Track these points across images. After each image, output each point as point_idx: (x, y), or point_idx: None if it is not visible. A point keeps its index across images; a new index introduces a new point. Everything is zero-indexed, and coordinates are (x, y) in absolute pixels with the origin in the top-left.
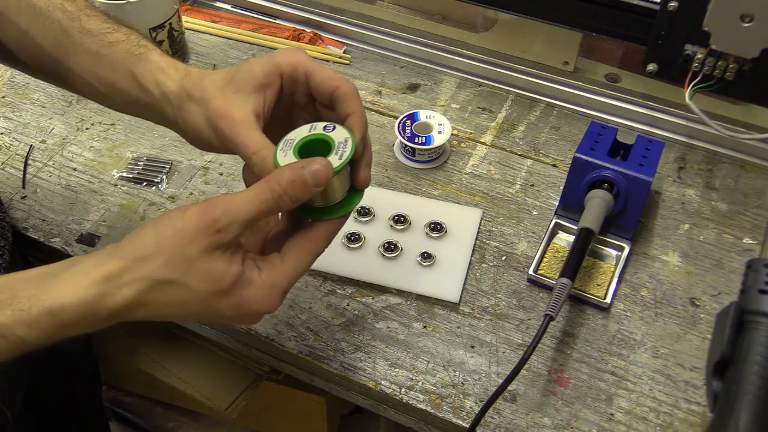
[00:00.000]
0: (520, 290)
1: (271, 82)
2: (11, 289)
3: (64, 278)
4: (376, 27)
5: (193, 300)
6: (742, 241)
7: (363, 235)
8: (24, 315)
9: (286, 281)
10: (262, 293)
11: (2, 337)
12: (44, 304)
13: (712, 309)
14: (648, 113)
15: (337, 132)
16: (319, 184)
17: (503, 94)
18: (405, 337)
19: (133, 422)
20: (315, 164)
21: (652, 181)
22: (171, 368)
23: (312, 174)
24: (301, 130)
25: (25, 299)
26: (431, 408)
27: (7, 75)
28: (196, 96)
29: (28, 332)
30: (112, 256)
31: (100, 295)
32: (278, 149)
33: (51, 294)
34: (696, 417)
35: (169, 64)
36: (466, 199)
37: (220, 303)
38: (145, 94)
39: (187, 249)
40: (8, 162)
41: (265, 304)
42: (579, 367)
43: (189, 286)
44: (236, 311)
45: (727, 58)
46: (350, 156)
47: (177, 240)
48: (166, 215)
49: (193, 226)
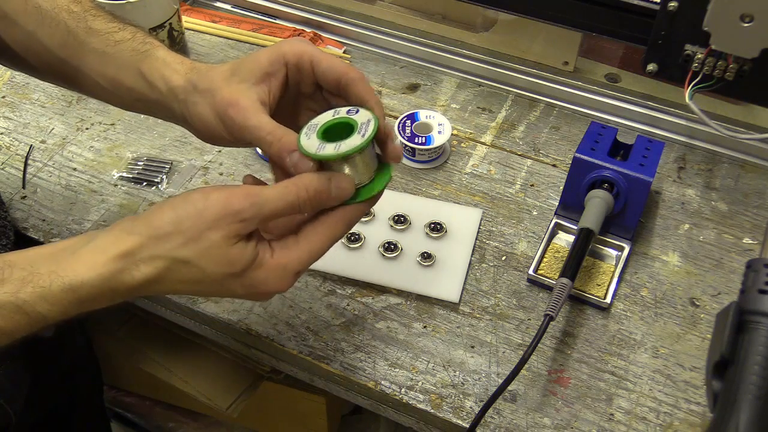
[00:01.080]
0: (520, 290)
1: (276, 71)
2: (31, 266)
3: (82, 254)
4: (376, 27)
5: (206, 280)
6: (742, 241)
7: (363, 235)
8: (45, 292)
9: (299, 264)
10: (274, 275)
11: (24, 314)
12: (64, 281)
13: (712, 309)
14: (648, 113)
15: (361, 114)
16: (340, 198)
17: (503, 94)
18: (405, 337)
19: (134, 422)
20: (342, 182)
21: (652, 181)
22: (172, 368)
23: (337, 189)
24: (324, 116)
25: (45, 276)
26: (431, 408)
27: (7, 75)
28: (202, 88)
29: (49, 308)
30: (129, 233)
31: (118, 271)
32: (302, 133)
33: (70, 270)
34: (696, 417)
35: (175, 60)
36: (466, 199)
37: (232, 284)
38: (152, 90)
39: (206, 233)
40: (8, 162)
41: (276, 285)
42: (579, 367)
43: (204, 268)
44: (248, 290)
45: (727, 58)
46: (373, 133)
47: (197, 222)
48: (187, 195)
49: (217, 213)
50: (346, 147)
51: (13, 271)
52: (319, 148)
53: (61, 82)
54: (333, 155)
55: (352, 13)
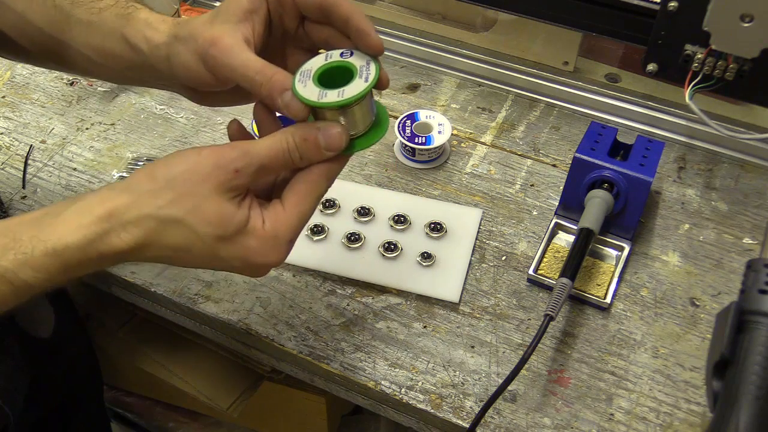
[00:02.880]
0: (520, 290)
1: (257, 7)
2: (12, 232)
3: (66, 216)
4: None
5: (197, 244)
6: (742, 241)
7: (363, 235)
8: (27, 258)
9: (290, 230)
10: (267, 245)
11: (8, 283)
12: (47, 245)
13: (712, 309)
14: (648, 113)
15: (356, 57)
16: (331, 149)
17: (503, 94)
18: (405, 337)
19: (134, 422)
20: (331, 128)
21: (652, 181)
22: (172, 368)
23: (326, 136)
24: (316, 60)
25: (27, 241)
26: (431, 408)
27: (7, 75)
28: (183, 35)
29: (34, 275)
30: (119, 191)
31: (105, 232)
32: (295, 80)
33: (53, 234)
34: (696, 417)
35: (157, 19)
36: (466, 199)
37: (224, 251)
38: (136, 53)
39: (199, 186)
40: (8, 162)
41: (270, 256)
42: (579, 367)
43: (194, 228)
44: (242, 262)
45: (727, 58)
46: (376, 76)
47: (190, 176)
48: (180, 152)
49: (210, 164)
50: (351, 93)
51: None
52: (321, 95)
53: (54, 63)
54: (339, 102)
55: None
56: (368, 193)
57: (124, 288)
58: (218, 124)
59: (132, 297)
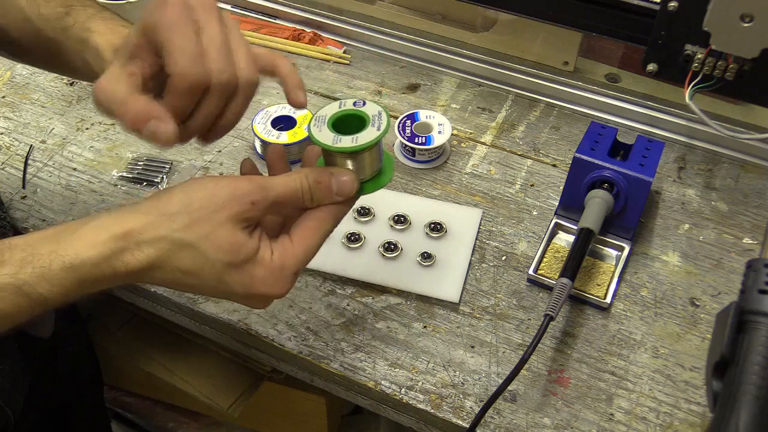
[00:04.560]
0: (520, 290)
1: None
2: (31, 246)
3: (83, 233)
4: (376, 27)
5: (205, 269)
6: (742, 241)
7: (363, 235)
8: (45, 272)
9: (296, 264)
10: (274, 275)
11: (24, 296)
12: (64, 260)
13: (712, 309)
14: (648, 113)
15: (369, 106)
16: (342, 195)
17: (503, 94)
18: (405, 337)
19: (134, 422)
20: (344, 175)
21: (652, 181)
22: (172, 368)
23: (338, 182)
24: (330, 107)
25: (45, 256)
26: (431, 408)
27: (7, 75)
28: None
29: (50, 289)
30: (135, 212)
31: (119, 250)
32: (312, 125)
33: (71, 249)
34: (696, 417)
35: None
36: (466, 199)
37: (231, 278)
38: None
39: (214, 214)
40: (8, 162)
41: (275, 286)
42: (579, 367)
43: (205, 253)
44: (246, 290)
45: (727, 58)
46: (387, 126)
47: (206, 204)
48: (197, 180)
49: (226, 194)
50: (365, 139)
51: (13, 253)
52: (335, 140)
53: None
54: (354, 147)
55: (351, 13)
56: None
57: (124, 288)
58: None
59: (132, 297)
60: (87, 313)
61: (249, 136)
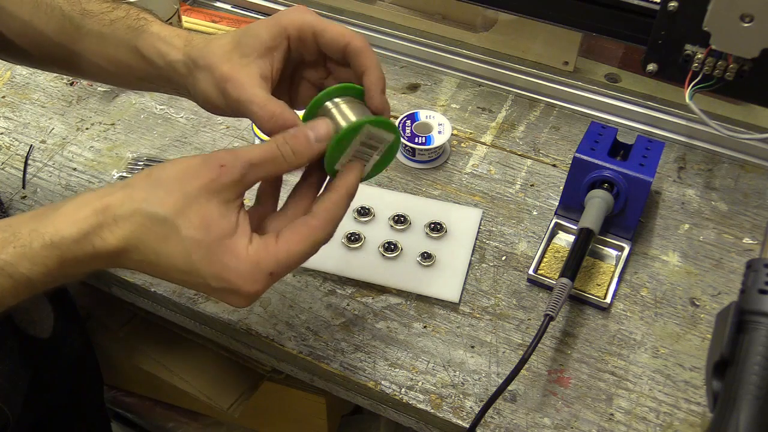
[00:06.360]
0: (520, 290)
1: (278, 44)
2: (11, 227)
3: (65, 210)
4: (376, 27)
5: (178, 251)
6: (742, 241)
7: (363, 235)
8: (26, 250)
9: (274, 263)
10: (245, 267)
11: (7, 277)
12: (45, 237)
13: (712, 309)
14: (648, 113)
15: None
16: (321, 139)
17: (503, 94)
18: (405, 337)
19: (134, 422)
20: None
21: (652, 181)
22: (172, 368)
23: (314, 129)
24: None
25: (26, 235)
26: (431, 408)
27: (7, 75)
28: (202, 64)
29: (31, 268)
30: (116, 188)
31: (99, 225)
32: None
33: (51, 226)
34: (696, 417)
35: (170, 33)
36: (466, 199)
37: (202, 262)
38: (151, 66)
39: (187, 185)
40: (8, 162)
41: (245, 282)
42: (579, 367)
43: (178, 230)
44: (219, 282)
45: (727, 58)
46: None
47: (180, 176)
48: (179, 159)
49: (198, 163)
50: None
51: None
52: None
53: (62, 68)
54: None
55: (352, 13)
56: (368, 193)
57: (124, 288)
58: (218, 124)
59: (132, 297)
60: (87, 313)
61: (249, 136)
